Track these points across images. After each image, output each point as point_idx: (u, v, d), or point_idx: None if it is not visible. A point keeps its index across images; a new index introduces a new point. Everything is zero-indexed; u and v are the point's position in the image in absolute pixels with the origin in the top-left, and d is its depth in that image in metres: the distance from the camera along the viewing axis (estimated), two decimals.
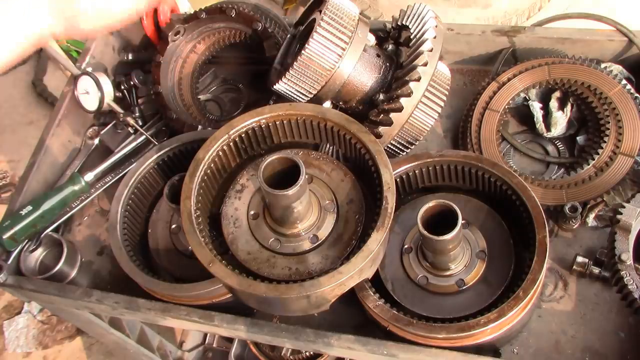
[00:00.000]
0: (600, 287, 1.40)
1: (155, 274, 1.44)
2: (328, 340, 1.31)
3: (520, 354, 1.37)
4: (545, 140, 1.64)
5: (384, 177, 1.25)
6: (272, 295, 1.16)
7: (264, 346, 2.24)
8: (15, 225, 1.60)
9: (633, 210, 1.26)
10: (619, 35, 1.62)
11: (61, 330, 3.23)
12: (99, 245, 1.72)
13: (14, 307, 3.34)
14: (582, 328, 1.38)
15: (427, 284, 1.31)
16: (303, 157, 1.39)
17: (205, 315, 1.39)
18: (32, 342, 3.22)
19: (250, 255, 1.28)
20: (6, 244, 1.59)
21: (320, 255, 1.28)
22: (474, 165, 1.36)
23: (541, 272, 1.19)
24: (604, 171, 1.47)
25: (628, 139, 1.47)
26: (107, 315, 1.96)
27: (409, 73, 1.33)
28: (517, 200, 1.30)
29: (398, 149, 1.45)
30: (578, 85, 1.54)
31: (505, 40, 1.70)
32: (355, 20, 1.35)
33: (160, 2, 1.79)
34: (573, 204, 1.42)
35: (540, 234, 1.23)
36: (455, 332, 1.18)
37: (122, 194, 1.54)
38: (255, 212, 1.32)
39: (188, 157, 1.40)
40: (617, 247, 1.24)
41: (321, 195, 1.33)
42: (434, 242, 1.18)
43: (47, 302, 1.68)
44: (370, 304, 1.25)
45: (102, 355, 3.16)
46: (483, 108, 1.60)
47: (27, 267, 1.63)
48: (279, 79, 1.36)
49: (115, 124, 1.81)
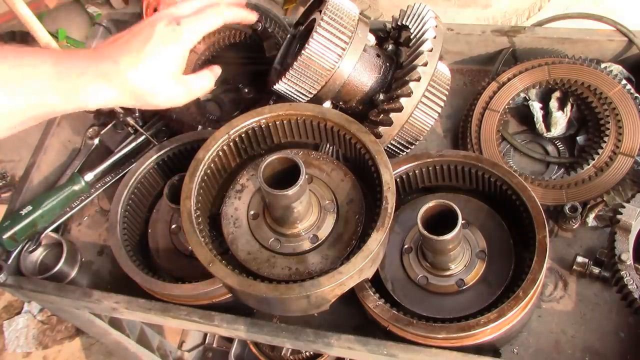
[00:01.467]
0: (600, 287, 1.41)
1: (155, 274, 1.44)
2: (328, 340, 1.31)
3: (520, 354, 1.37)
4: (545, 140, 1.64)
5: (384, 177, 1.25)
6: (272, 295, 1.16)
7: (264, 346, 2.24)
8: (15, 225, 1.60)
9: (633, 210, 1.26)
10: (619, 35, 1.62)
11: (61, 330, 3.23)
12: (99, 245, 1.72)
13: (14, 307, 3.34)
14: (582, 328, 1.38)
15: (427, 284, 1.31)
16: (303, 157, 1.39)
17: (205, 315, 1.39)
18: (32, 342, 3.22)
19: (250, 255, 1.28)
20: (6, 244, 1.59)
21: (320, 255, 1.28)
22: (474, 165, 1.36)
23: (541, 272, 1.19)
24: (604, 171, 1.47)
25: (628, 139, 1.47)
26: (107, 315, 1.96)
27: (409, 73, 1.33)
28: (517, 200, 1.30)
29: (398, 149, 1.45)
30: (578, 85, 1.54)
31: (505, 40, 1.70)
32: (355, 20, 1.35)
33: (160, 3, 1.79)
34: (573, 204, 1.42)
35: (540, 234, 1.23)
36: (455, 332, 1.18)
37: (122, 194, 1.54)
38: (255, 212, 1.33)
39: (188, 157, 1.40)
40: (617, 247, 1.24)
41: (321, 195, 1.33)
42: (434, 242, 1.18)
43: (47, 302, 1.68)
44: (370, 304, 1.25)
45: (102, 355, 3.16)
46: (483, 108, 1.60)
47: (27, 267, 1.63)
48: (279, 79, 1.36)
49: (115, 124, 1.81)
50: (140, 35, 1.21)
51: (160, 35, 1.21)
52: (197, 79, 1.32)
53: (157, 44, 1.20)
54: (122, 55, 1.18)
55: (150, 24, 1.23)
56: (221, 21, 1.31)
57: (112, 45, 1.22)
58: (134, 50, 1.19)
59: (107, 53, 1.19)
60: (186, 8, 1.30)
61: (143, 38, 1.20)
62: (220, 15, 1.30)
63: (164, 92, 1.23)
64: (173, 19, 1.24)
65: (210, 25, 1.29)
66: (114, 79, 1.16)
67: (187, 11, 1.29)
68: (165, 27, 1.22)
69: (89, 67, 1.15)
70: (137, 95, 1.20)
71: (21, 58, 1.09)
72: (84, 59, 1.16)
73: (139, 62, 1.18)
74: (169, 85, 1.23)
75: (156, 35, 1.20)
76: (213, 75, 1.37)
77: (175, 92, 1.25)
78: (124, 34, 1.25)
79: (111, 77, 1.16)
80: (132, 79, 1.17)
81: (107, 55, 1.18)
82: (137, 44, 1.20)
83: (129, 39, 1.22)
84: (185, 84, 1.28)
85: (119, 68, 1.16)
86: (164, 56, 1.21)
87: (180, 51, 1.23)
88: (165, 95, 1.24)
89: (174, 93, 1.25)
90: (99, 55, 1.19)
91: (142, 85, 1.19)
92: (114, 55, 1.18)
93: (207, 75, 1.35)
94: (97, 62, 1.16)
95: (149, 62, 1.19)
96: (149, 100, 1.22)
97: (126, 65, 1.17)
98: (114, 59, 1.17)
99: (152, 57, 1.19)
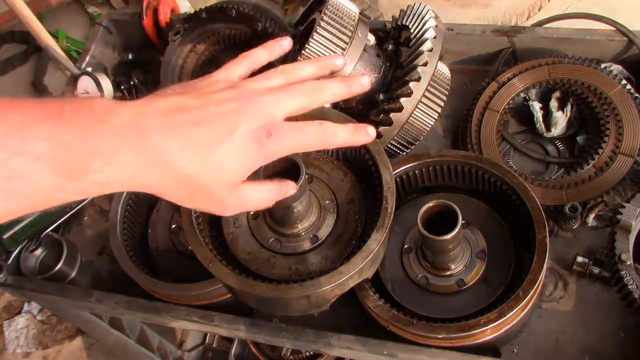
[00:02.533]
0: (600, 287, 1.41)
1: (155, 274, 1.44)
2: (328, 340, 1.31)
3: (520, 354, 1.37)
4: (545, 140, 1.64)
5: (384, 177, 1.25)
6: (272, 295, 1.16)
7: (264, 346, 2.24)
8: (15, 225, 1.60)
9: (633, 210, 1.26)
10: (619, 35, 1.62)
11: (61, 330, 3.23)
12: (99, 245, 1.72)
13: (14, 307, 3.34)
14: (582, 328, 1.38)
15: (427, 284, 1.31)
16: (303, 157, 1.39)
17: (205, 315, 1.39)
18: (32, 342, 3.22)
19: (250, 255, 1.28)
20: (6, 244, 1.59)
21: (320, 255, 1.28)
22: (474, 165, 1.36)
23: (541, 272, 1.19)
24: (604, 171, 1.47)
25: (628, 139, 1.47)
26: (107, 315, 1.96)
27: (409, 73, 1.33)
28: (517, 200, 1.30)
29: (398, 149, 1.45)
30: (578, 85, 1.54)
31: (505, 40, 1.69)
32: (355, 20, 1.35)
33: (161, 3, 1.79)
34: (573, 204, 1.42)
35: (540, 234, 1.23)
36: (455, 332, 1.18)
37: (122, 194, 1.54)
38: (255, 212, 1.33)
39: None
40: (617, 247, 1.24)
41: (321, 195, 1.33)
42: (434, 242, 1.18)
43: (47, 302, 1.69)
44: (370, 304, 1.25)
45: (102, 355, 3.16)
46: (483, 108, 1.60)
47: (27, 267, 1.63)
48: None
49: None
50: (213, 127, 0.87)
51: (240, 145, 0.88)
52: (255, 191, 0.98)
53: (231, 154, 0.88)
54: (181, 147, 0.85)
55: (234, 113, 0.89)
56: (324, 144, 1.00)
57: (164, 125, 0.85)
58: (200, 146, 0.86)
59: (155, 137, 0.83)
60: (279, 79, 1.00)
61: (216, 134, 0.87)
62: (325, 136, 0.98)
63: (215, 201, 0.93)
64: (265, 127, 0.90)
65: (307, 147, 0.98)
66: (165, 169, 0.85)
67: (282, 91, 0.96)
68: (250, 136, 0.89)
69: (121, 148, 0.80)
70: (189, 192, 0.89)
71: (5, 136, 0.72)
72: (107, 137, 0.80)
73: (203, 164, 0.87)
74: (224, 195, 0.92)
75: (234, 144, 0.88)
76: (278, 193, 1.04)
77: (226, 203, 0.94)
78: (182, 98, 0.89)
79: (159, 165, 0.84)
80: (189, 175, 0.86)
81: (154, 139, 0.83)
82: (206, 139, 0.86)
83: (195, 122, 0.86)
84: (239, 196, 0.95)
85: (174, 160, 0.84)
86: (233, 169, 0.90)
87: (254, 168, 0.93)
88: (214, 204, 0.94)
89: (224, 204, 0.95)
90: (137, 132, 0.82)
91: (196, 188, 0.89)
92: (166, 142, 0.84)
93: (270, 190, 1.02)
94: (138, 144, 0.82)
95: (213, 166, 0.87)
96: (195, 203, 0.93)
97: (184, 162, 0.85)
98: (166, 146, 0.84)
99: (218, 163, 0.87)
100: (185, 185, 0.87)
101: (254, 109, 0.90)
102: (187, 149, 0.85)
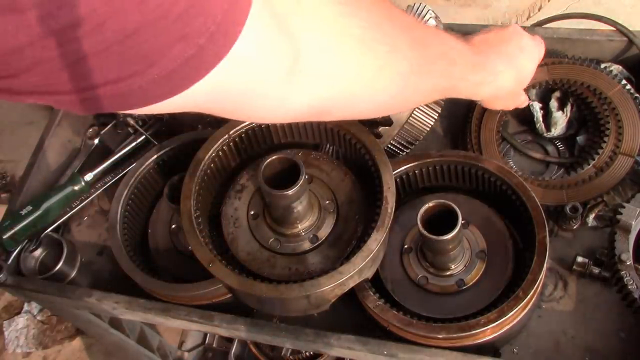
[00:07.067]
0: (600, 287, 1.40)
1: (155, 274, 1.44)
2: (328, 340, 1.31)
3: (520, 354, 1.37)
4: (545, 140, 1.64)
5: (384, 177, 1.25)
6: (272, 295, 1.16)
7: (264, 346, 2.24)
8: (15, 225, 1.59)
9: (633, 210, 1.26)
10: (619, 35, 1.61)
11: (61, 330, 3.22)
12: (99, 245, 1.72)
13: (14, 307, 3.34)
14: (582, 328, 1.38)
15: (427, 284, 1.31)
16: (303, 157, 1.39)
17: (205, 315, 1.39)
18: (32, 342, 3.22)
19: (250, 255, 1.28)
20: (6, 244, 1.59)
21: (320, 255, 1.28)
22: (474, 165, 1.36)
23: (541, 272, 1.19)
24: (604, 171, 1.47)
25: (628, 139, 1.47)
26: (107, 315, 1.96)
27: None
28: (517, 200, 1.30)
29: (398, 149, 1.45)
30: (578, 86, 1.54)
31: None
32: None
33: None
34: (574, 204, 1.42)
35: (540, 234, 1.23)
36: (455, 332, 1.18)
37: (122, 194, 1.54)
38: (255, 212, 1.33)
39: (188, 157, 1.40)
40: (617, 247, 1.24)
41: (321, 195, 1.33)
42: (434, 242, 1.18)
43: (47, 302, 1.68)
44: (370, 304, 1.25)
45: (102, 355, 3.15)
46: (483, 108, 1.60)
47: (27, 267, 1.63)
48: None
49: (115, 124, 1.81)
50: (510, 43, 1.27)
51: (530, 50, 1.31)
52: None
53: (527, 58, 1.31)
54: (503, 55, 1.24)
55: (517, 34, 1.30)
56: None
57: (487, 44, 1.23)
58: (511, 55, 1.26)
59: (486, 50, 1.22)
60: None
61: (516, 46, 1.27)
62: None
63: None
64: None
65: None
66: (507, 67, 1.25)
67: None
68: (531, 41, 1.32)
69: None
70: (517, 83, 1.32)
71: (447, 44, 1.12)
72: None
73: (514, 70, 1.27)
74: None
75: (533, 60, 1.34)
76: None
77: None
78: (485, 37, 1.25)
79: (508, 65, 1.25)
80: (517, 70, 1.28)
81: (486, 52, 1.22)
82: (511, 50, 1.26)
83: (500, 40, 1.26)
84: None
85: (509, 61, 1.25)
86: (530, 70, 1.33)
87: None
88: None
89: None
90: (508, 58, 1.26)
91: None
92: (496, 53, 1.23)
93: None
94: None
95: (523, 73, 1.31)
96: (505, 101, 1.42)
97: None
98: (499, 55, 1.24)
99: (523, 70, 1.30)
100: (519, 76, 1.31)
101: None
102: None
